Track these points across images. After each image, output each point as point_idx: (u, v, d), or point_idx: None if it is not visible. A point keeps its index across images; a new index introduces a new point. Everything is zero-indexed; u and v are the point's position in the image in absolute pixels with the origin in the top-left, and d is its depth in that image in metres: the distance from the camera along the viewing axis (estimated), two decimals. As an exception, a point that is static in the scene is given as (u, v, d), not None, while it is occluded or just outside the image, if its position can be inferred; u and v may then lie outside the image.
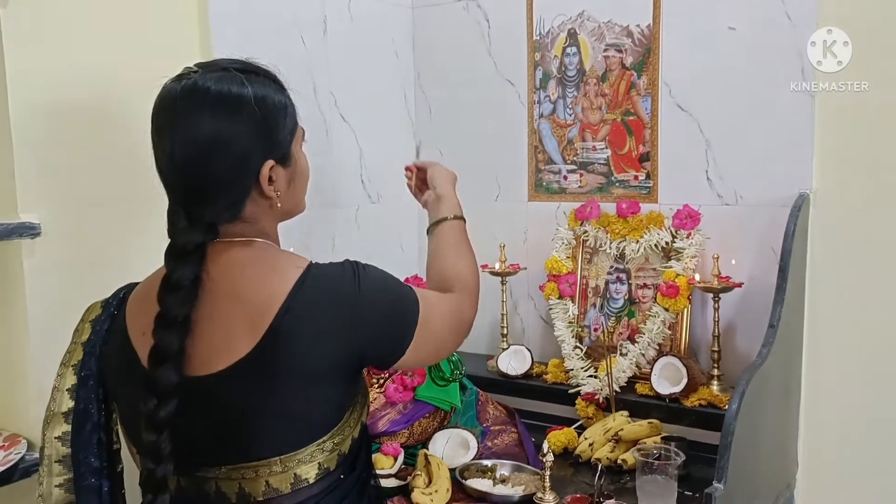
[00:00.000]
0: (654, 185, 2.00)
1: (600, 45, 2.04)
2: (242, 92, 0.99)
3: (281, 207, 1.06)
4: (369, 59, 2.24)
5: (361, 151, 2.22)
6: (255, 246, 1.03)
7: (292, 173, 1.07)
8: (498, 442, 1.83)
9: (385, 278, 1.08)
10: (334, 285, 1.00)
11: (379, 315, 1.02)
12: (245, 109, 0.98)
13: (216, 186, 0.99)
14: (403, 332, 1.06)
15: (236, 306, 0.97)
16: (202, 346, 0.96)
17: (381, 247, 2.32)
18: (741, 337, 1.91)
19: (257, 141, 0.99)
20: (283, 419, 0.97)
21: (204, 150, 0.97)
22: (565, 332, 2.05)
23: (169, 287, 0.97)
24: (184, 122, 0.98)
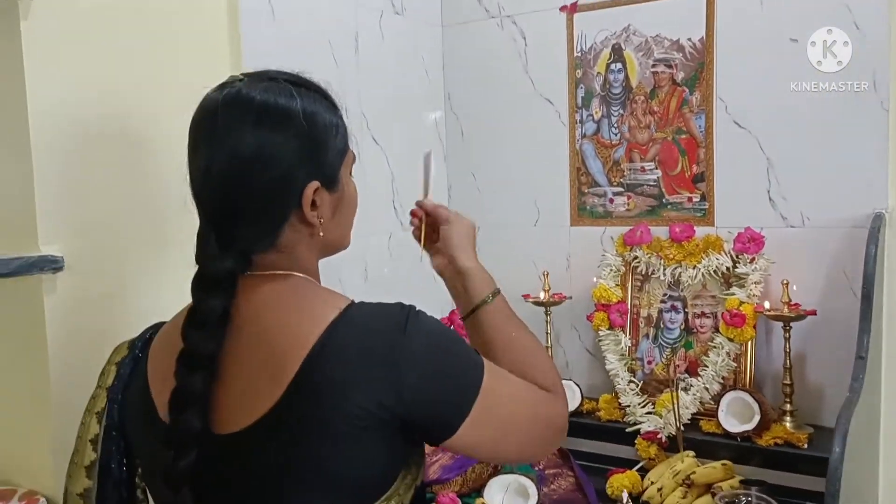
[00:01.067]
0: (709, 207, 1.88)
1: (648, 61, 1.93)
2: (290, 105, 0.88)
3: (324, 237, 0.93)
4: (400, 79, 2.12)
5: (393, 175, 2.09)
6: (291, 281, 0.90)
7: (338, 200, 0.94)
8: (555, 487, 1.68)
9: (443, 330, 0.89)
10: (373, 327, 0.84)
11: (427, 369, 0.84)
12: (292, 123, 0.88)
13: (253, 206, 0.87)
14: (459, 398, 0.86)
15: (261, 352, 0.84)
16: (228, 398, 0.84)
17: (414, 278, 2.18)
18: (809, 369, 1.78)
19: (302, 159, 0.88)
20: (317, 486, 0.82)
21: (243, 163, 0.86)
22: (618, 365, 1.91)
23: (195, 321, 0.86)
24: (223, 134, 0.87)
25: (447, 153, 2.29)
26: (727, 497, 1.43)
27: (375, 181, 2.03)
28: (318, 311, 0.85)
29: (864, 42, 1.65)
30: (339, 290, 2.09)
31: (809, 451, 1.60)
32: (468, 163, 2.26)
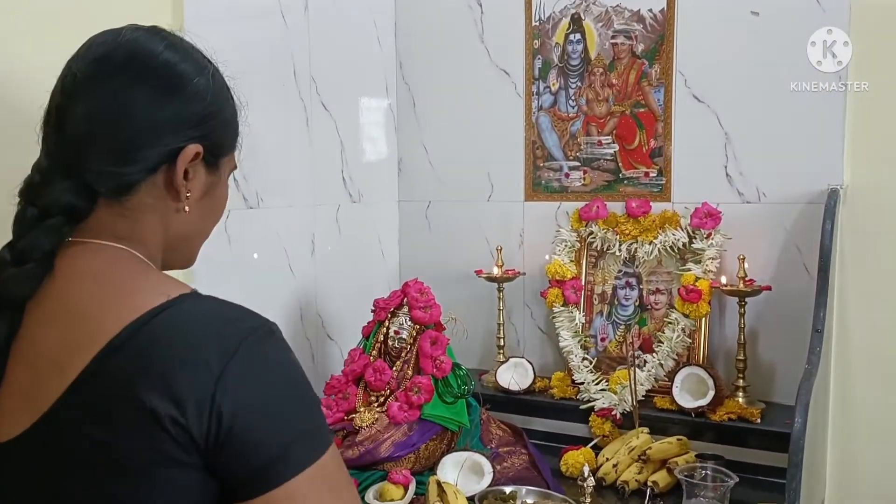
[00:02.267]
0: (666, 183, 1.86)
1: (608, 32, 1.89)
2: (198, 68, 0.81)
3: (183, 222, 0.81)
4: (352, 44, 2.03)
5: (343, 146, 2.00)
6: (119, 254, 0.76)
7: (212, 186, 0.84)
8: (508, 465, 1.64)
9: (295, 372, 0.72)
10: (205, 329, 0.69)
11: (256, 402, 0.68)
12: (192, 83, 0.79)
13: (118, 139, 0.75)
14: (284, 458, 0.67)
15: (57, 334, 0.70)
16: (9, 393, 0.71)
17: (361, 251, 2.11)
18: (763, 345, 1.78)
19: (192, 118, 0.79)
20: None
21: (123, 100, 0.76)
22: (572, 342, 1.88)
23: (11, 257, 0.73)
24: (112, 69, 0.77)
25: (398, 124, 2.22)
26: (686, 471, 1.41)
27: (324, 150, 1.94)
28: (139, 293, 0.71)
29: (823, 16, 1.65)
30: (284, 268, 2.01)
31: (762, 425, 1.60)
32: (420, 134, 2.19)
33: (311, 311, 1.91)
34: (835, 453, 1.72)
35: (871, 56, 1.62)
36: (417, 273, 1.86)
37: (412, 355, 1.62)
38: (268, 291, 1.76)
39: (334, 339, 1.98)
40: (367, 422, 1.54)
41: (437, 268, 2.11)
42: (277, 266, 1.80)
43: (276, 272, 1.79)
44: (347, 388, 1.63)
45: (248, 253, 1.70)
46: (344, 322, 1.98)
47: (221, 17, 1.60)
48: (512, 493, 1.48)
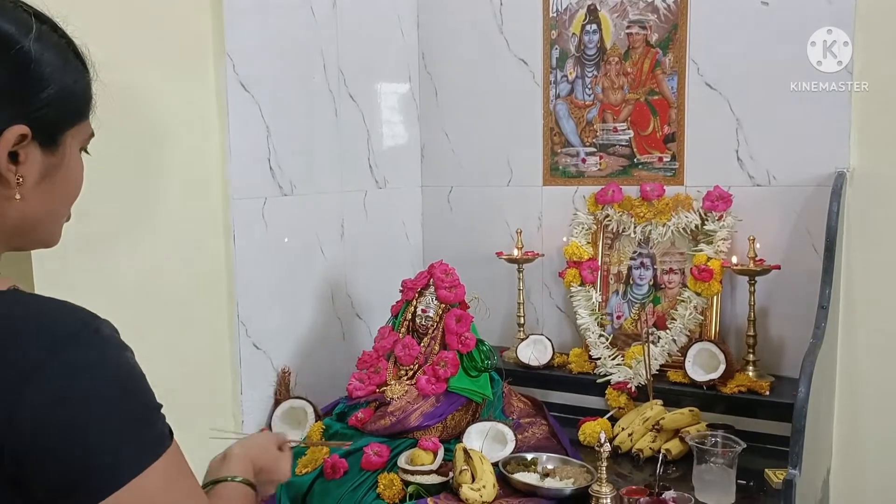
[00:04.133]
0: (679, 167, 1.94)
1: (623, 22, 1.97)
2: (17, 33, 0.69)
3: (20, 209, 0.71)
4: (377, 37, 2.12)
5: (369, 134, 2.10)
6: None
7: (53, 168, 0.73)
8: (528, 435, 1.73)
9: (122, 372, 0.67)
10: (17, 329, 0.64)
11: (69, 409, 0.62)
12: (11, 51, 0.68)
13: None
14: (100, 468, 0.63)
15: None
16: None
17: (387, 234, 2.21)
18: (772, 321, 1.86)
19: (13, 95, 0.69)
20: None
21: None
22: (589, 319, 1.97)
23: None
24: None
25: (420, 112, 2.31)
26: (696, 438, 1.50)
27: (352, 138, 2.04)
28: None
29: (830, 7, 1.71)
30: (316, 251, 2.12)
31: (771, 397, 1.69)
32: (442, 122, 2.28)
33: (340, 291, 2.01)
34: (841, 424, 1.81)
35: (875, 52, 1.68)
36: (440, 255, 1.96)
37: (438, 332, 1.72)
38: (301, 273, 1.87)
39: (362, 318, 2.09)
40: (398, 394, 1.65)
41: (459, 250, 2.21)
42: (309, 249, 1.91)
43: (308, 255, 1.90)
44: (378, 363, 1.73)
45: (281, 237, 1.80)
46: (371, 301, 2.09)
47: (256, 9, 1.69)
48: (533, 458, 1.58)
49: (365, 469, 1.52)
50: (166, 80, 1.49)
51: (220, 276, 1.64)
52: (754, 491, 1.48)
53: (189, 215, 1.57)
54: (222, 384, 1.66)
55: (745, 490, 1.48)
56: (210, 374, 1.62)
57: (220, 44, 1.59)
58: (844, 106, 1.72)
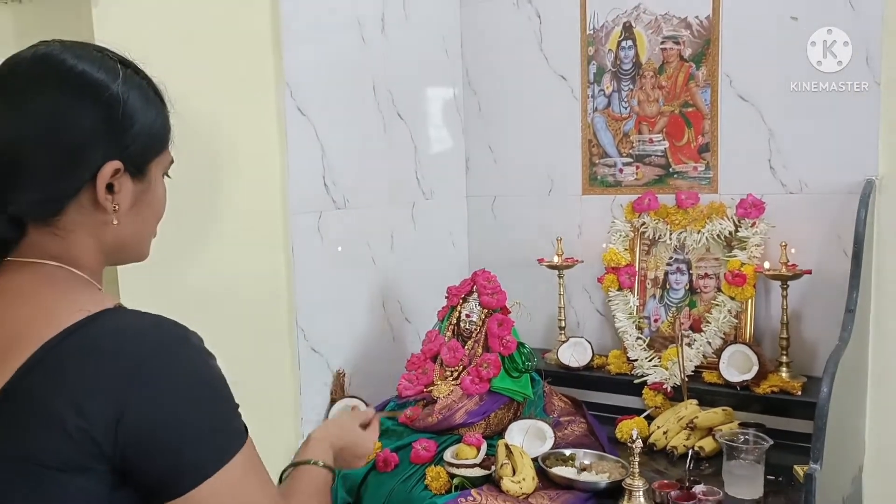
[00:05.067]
0: (714, 176, 2.02)
1: (657, 38, 2.06)
2: (105, 79, 0.79)
3: (116, 232, 0.82)
4: (422, 56, 2.25)
5: (416, 149, 2.23)
6: (47, 270, 0.78)
7: (142, 194, 0.84)
8: (568, 432, 1.83)
9: (207, 375, 0.77)
10: (117, 344, 0.72)
11: (163, 412, 0.72)
12: (102, 97, 0.78)
13: (37, 170, 0.76)
14: (195, 458, 0.73)
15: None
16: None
17: (434, 243, 2.34)
18: (805, 325, 1.92)
19: (105, 136, 0.78)
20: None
21: (35, 124, 0.76)
22: (626, 323, 2.06)
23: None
24: (19, 89, 0.78)
25: (465, 127, 2.43)
26: (727, 435, 1.58)
27: (400, 155, 2.17)
28: (57, 312, 0.74)
29: (857, 18, 1.77)
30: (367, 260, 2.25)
31: (803, 397, 1.75)
32: (485, 136, 2.40)
33: (391, 297, 2.15)
34: (874, 424, 1.85)
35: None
36: (485, 262, 2.07)
37: (482, 335, 1.84)
38: (354, 281, 2.01)
39: (411, 322, 2.22)
40: (444, 393, 1.77)
41: (502, 257, 2.32)
42: (362, 259, 2.04)
43: (360, 264, 2.04)
44: (426, 365, 1.86)
45: (336, 248, 1.94)
46: (420, 307, 2.21)
47: (311, 33, 1.82)
48: (571, 454, 1.68)
49: (414, 462, 1.65)
50: (232, 108, 1.64)
51: (280, 286, 1.79)
52: (783, 486, 1.56)
53: (253, 230, 1.71)
54: (283, 385, 1.80)
55: (774, 485, 1.55)
56: (272, 375, 1.77)
57: (279, 73, 1.74)
58: (873, 116, 1.78)
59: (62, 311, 0.73)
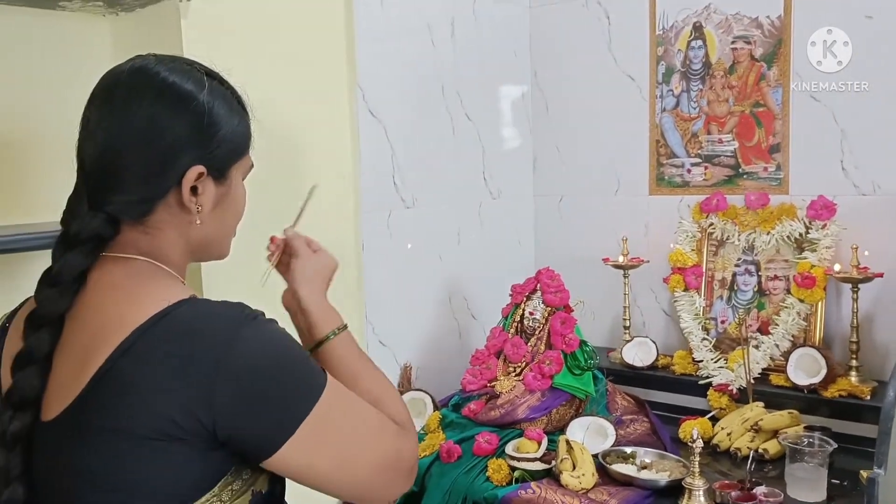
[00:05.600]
0: (784, 177, 1.99)
1: (727, 38, 2.05)
2: (193, 90, 0.87)
3: (200, 230, 0.89)
4: (491, 59, 2.30)
5: (484, 149, 2.28)
6: (136, 265, 0.86)
7: (223, 196, 0.91)
8: (630, 431, 1.85)
9: (280, 345, 0.84)
10: (198, 330, 0.79)
11: (247, 386, 0.79)
12: (190, 106, 0.86)
13: (130, 174, 0.84)
14: (281, 416, 0.81)
15: (83, 337, 0.81)
16: (51, 384, 0.82)
17: (500, 242, 2.38)
18: (877, 328, 1.88)
19: (192, 142, 0.86)
20: (119, 487, 0.78)
21: (130, 131, 0.84)
22: (692, 324, 2.06)
23: (48, 278, 0.84)
24: (119, 99, 0.85)
25: (533, 127, 2.46)
26: (791, 438, 1.57)
27: (468, 154, 2.22)
28: (145, 302, 0.81)
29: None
30: (435, 258, 2.32)
31: (872, 402, 1.72)
32: (553, 136, 2.43)
33: (457, 294, 2.20)
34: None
35: None
36: (550, 261, 2.10)
37: (545, 333, 1.87)
38: (421, 278, 2.08)
39: (477, 319, 2.27)
40: (507, 388, 1.82)
41: (568, 256, 2.35)
42: (429, 256, 2.11)
43: (428, 261, 2.10)
44: (489, 360, 1.91)
45: (404, 246, 2.01)
46: (486, 303, 2.26)
47: (384, 37, 1.90)
48: (632, 452, 1.70)
49: (476, 455, 1.70)
50: (308, 111, 1.72)
51: (351, 281, 1.86)
52: (847, 490, 1.54)
53: (327, 228, 1.78)
54: (353, 375, 1.88)
55: (838, 489, 1.54)
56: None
57: (352, 77, 1.82)
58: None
59: (149, 301, 0.80)
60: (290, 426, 0.80)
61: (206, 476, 0.80)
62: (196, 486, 0.80)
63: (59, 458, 0.80)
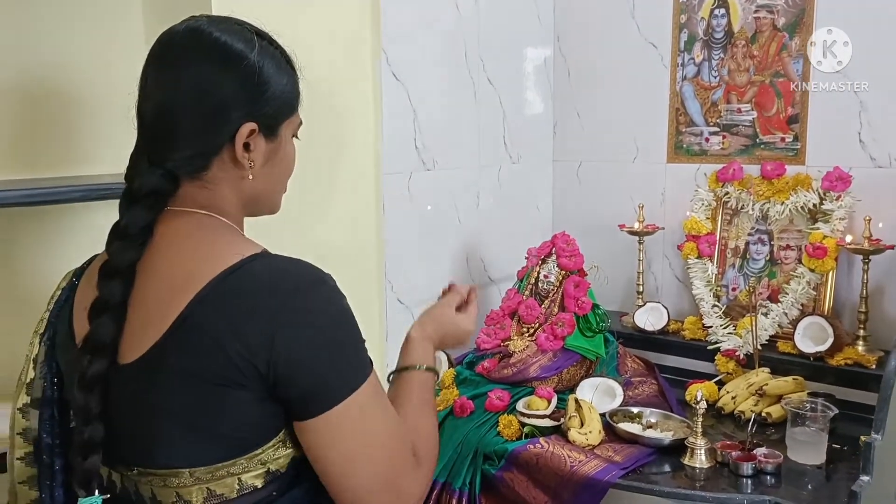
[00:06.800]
0: (801, 147, 2.01)
1: (751, 7, 2.05)
2: (244, 49, 0.91)
3: (252, 185, 0.94)
4: (514, 24, 2.31)
5: (505, 113, 2.31)
6: (204, 220, 0.92)
7: (273, 152, 0.96)
8: (639, 392, 1.91)
9: (341, 315, 0.89)
10: (269, 283, 0.84)
11: (306, 340, 0.84)
12: (241, 65, 0.90)
13: (186, 131, 0.89)
14: (325, 386, 0.85)
15: (160, 287, 0.87)
16: (128, 329, 0.88)
17: (519, 206, 2.42)
18: (888, 300, 1.91)
19: (243, 100, 0.90)
20: (189, 428, 0.85)
21: (185, 90, 0.89)
22: (704, 290, 2.10)
23: (118, 232, 0.90)
24: (173, 59, 0.91)
25: (554, 92, 2.48)
26: (794, 403, 1.62)
27: (489, 118, 2.26)
28: (219, 254, 0.86)
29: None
30: (454, 220, 2.36)
31: (877, 370, 1.76)
32: (574, 102, 2.45)
33: (475, 256, 2.26)
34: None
35: None
36: (568, 225, 2.15)
37: (558, 296, 1.93)
38: (440, 239, 2.13)
39: (493, 280, 2.32)
40: (519, 348, 1.88)
41: (585, 221, 2.39)
42: (448, 218, 2.16)
43: (447, 223, 2.15)
44: (504, 321, 1.97)
45: (424, 207, 2.06)
46: (503, 265, 2.32)
47: (408, 6, 1.92)
48: (639, 412, 1.76)
49: (488, 410, 1.77)
50: (333, 74, 1.76)
51: (371, 241, 1.92)
52: (846, 455, 1.59)
53: (350, 190, 1.85)
54: (370, 332, 1.94)
55: (837, 453, 1.59)
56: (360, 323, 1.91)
57: (376, 41, 1.85)
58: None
59: (223, 253, 0.86)
60: (329, 398, 0.85)
61: (265, 425, 0.86)
62: (256, 434, 0.86)
63: (137, 399, 0.86)
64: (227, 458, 0.85)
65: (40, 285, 1.37)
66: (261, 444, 0.86)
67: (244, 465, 0.86)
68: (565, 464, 1.53)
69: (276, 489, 0.89)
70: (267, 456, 0.87)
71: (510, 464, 1.59)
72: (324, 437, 0.86)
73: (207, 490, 0.86)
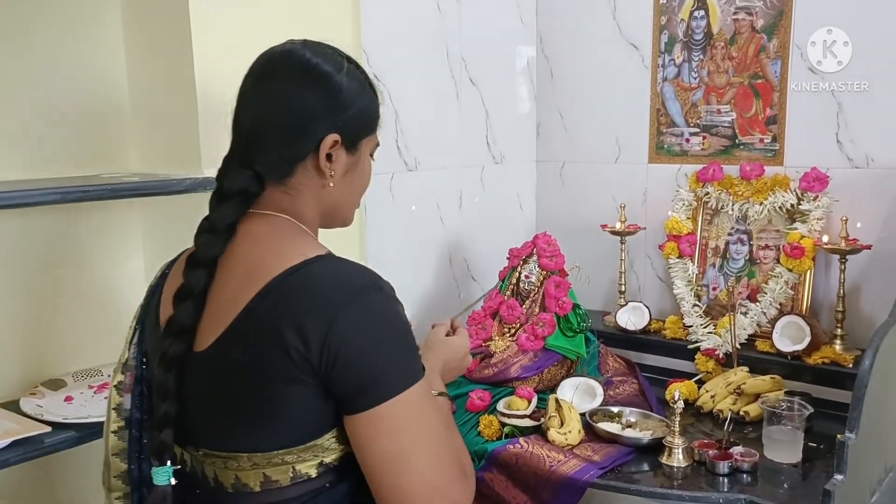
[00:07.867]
0: (780, 148, 2.03)
1: (730, 8, 2.06)
2: (333, 71, 1.00)
3: (330, 194, 1.03)
4: (497, 24, 2.32)
5: (487, 114, 2.32)
6: (280, 222, 1.00)
7: (353, 165, 1.04)
8: (619, 391, 1.92)
9: (396, 321, 0.94)
10: (326, 286, 0.91)
11: (358, 340, 0.89)
12: (329, 84, 1.00)
13: (275, 139, 0.98)
14: (374, 383, 0.90)
15: (231, 282, 0.95)
16: (203, 320, 0.96)
17: (502, 206, 2.43)
18: (864, 299, 1.93)
19: (329, 114, 0.99)
20: (247, 416, 0.93)
21: (278, 103, 0.98)
22: (684, 290, 2.12)
23: (205, 226, 0.98)
24: (270, 76, 1.00)
25: (537, 93, 2.49)
26: (770, 402, 1.64)
27: (471, 118, 2.27)
28: (286, 253, 0.94)
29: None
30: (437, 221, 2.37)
31: (853, 369, 1.78)
32: (556, 102, 2.46)
33: (458, 256, 2.27)
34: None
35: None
36: (551, 226, 2.16)
37: (539, 296, 1.94)
38: (423, 239, 2.14)
39: (476, 280, 2.34)
40: (501, 348, 1.89)
41: (568, 221, 2.41)
42: (431, 218, 2.17)
43: (429, 223, 2.16)
44: (485, 321, 1.98)
45: (407, 207, 2.07)
46: (486, 266, 2.33)
47: (388, 6, 1.93)
48: (619, 412, 1.77)
49: (469, 410, 1.78)
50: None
51: (353, 241, 1.93)
52: (822, 453, 1.61)
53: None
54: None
55: (814, 452, 1.61)
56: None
57: (357, 40, 1.85)
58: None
59: (289, 254, 0.93)
60: (377, 395, 0.89)
61: (319, 420, 0.92)
62: (311, 428, 0.92)
63: (205, 384, 0.95)
64: (282, 446, 0.91)
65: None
66: (315, 437, 0.92)
67: (298, 455, 0.92)
68: (544, 463, 1.54)
69: (329, 481, 0.95)
70: (320, 449, 0.93)
71: (490, 464, 1.60)
72: (369, 431, 0.90)
73: (264, 475, 0.92)
